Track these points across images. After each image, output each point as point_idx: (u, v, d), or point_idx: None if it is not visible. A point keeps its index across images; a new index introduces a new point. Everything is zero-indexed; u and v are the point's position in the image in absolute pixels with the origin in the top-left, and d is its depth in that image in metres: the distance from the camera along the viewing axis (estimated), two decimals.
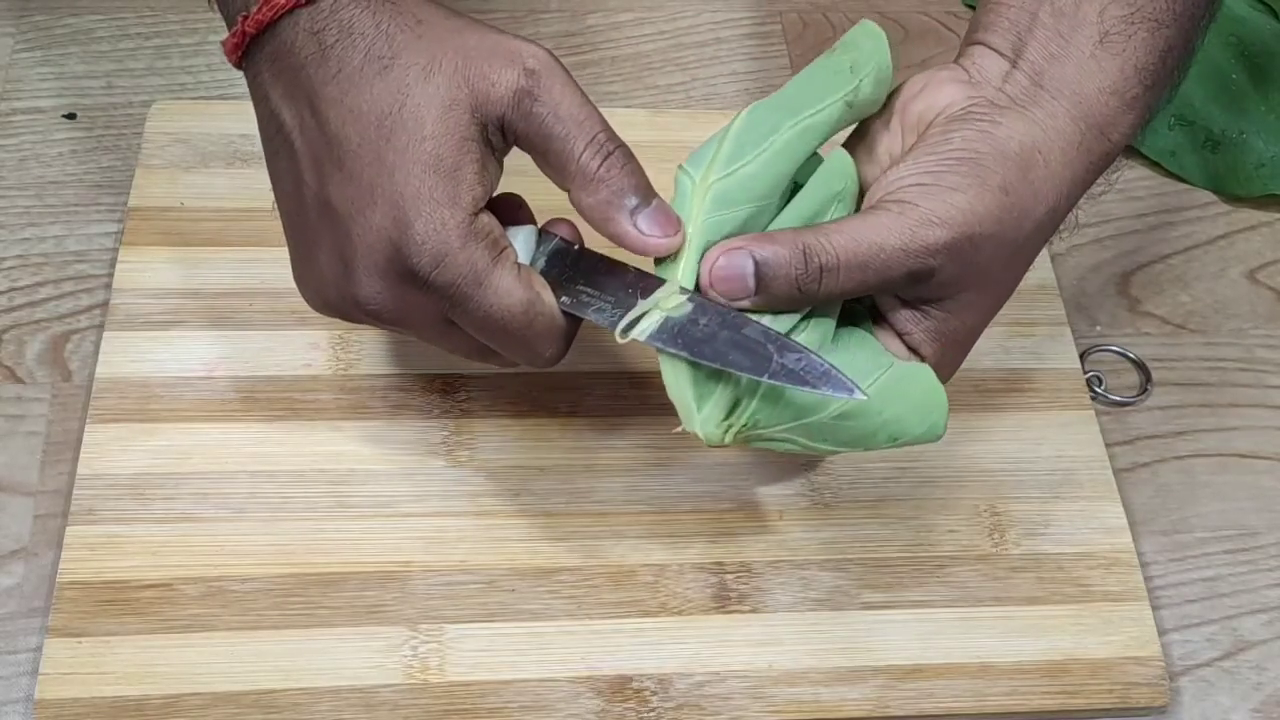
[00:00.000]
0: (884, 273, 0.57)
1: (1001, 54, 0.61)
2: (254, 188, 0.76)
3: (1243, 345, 0.79)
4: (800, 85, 0.61)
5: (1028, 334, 0.75)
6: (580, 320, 0.59)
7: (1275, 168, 0.84)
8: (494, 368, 0.63)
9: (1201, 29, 0.63)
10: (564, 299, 0.59)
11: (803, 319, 0.58)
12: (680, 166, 0.59)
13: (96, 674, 0.61)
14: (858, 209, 0.60)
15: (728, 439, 0.57)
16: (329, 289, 0.59)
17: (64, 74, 0.81)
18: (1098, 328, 0.78)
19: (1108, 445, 0.73)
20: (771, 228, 0.59)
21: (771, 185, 0.59)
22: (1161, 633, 0.68)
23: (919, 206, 0.57)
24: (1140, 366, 0.77)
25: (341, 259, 0.57)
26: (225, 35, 0.59)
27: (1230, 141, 0.84)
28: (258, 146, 0.76)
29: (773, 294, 0.57)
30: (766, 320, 0.57)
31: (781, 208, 0.59)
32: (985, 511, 0.69)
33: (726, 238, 0.58)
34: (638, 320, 0.57)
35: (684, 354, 0.56)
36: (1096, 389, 0.75)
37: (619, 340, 0.57)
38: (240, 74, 0.58)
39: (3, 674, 0.62)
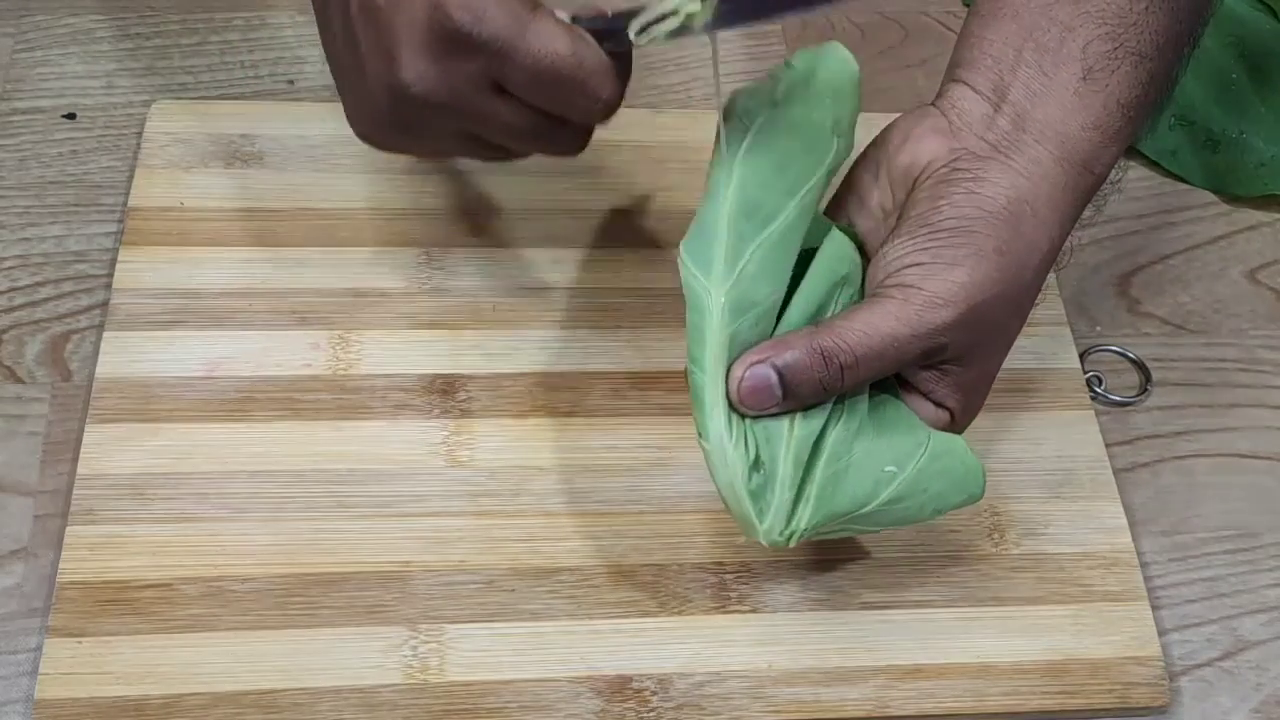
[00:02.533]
0: (900, 358, 0.59)
1: (983, 95, 0.61)
2: (254, 188, 0.76)
3: (1243, 345, 0.79)
4: (787, 150, 0.60)
5: (1028, 334, 0.75)
6: (630, 65, 0.59)
7: (1275, 168, 0.84)
8: (494, 368, 0.63)
9: (1184, 58, 0.63)
10: (606, 45, 0.58)
11: (835, 407, 0.60)
12: (681, 259, 0.59)
13: (96, 674, 0.61)
14: (863, 281, 0.61)
15: (792, 544, 0.59)
16: (379, 96, 0.59)
17: (64, 74, 0.81)
18: (1098, 328, 0.78)
19: (1108, 445, 0.73)
20: (782, 323, 0.59)
21: (779, 278, 0.59)
22: (1161, 633, 0.68)
23: (922, 290, 0.58)
24: (1140, 366, 0.77)
25: (387, 54, 0.58)
26: (225, 35, 0.59)
27: (1230, 141, 0.85)
28: (258, 146, 0.77)
29: (799, 397, 0.58)
30: (799, 416, 0.58)
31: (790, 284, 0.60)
32: (985, 511, 0.69)
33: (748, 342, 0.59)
34: (658, 21, 0.57)
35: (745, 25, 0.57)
36: (1096, 389, 0.75)
37: (634, 40, 0.57)
38: (240, 74, 0.58)
39: (3, 674, 0.62)
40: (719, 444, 0.58)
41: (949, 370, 0.61)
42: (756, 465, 0.58)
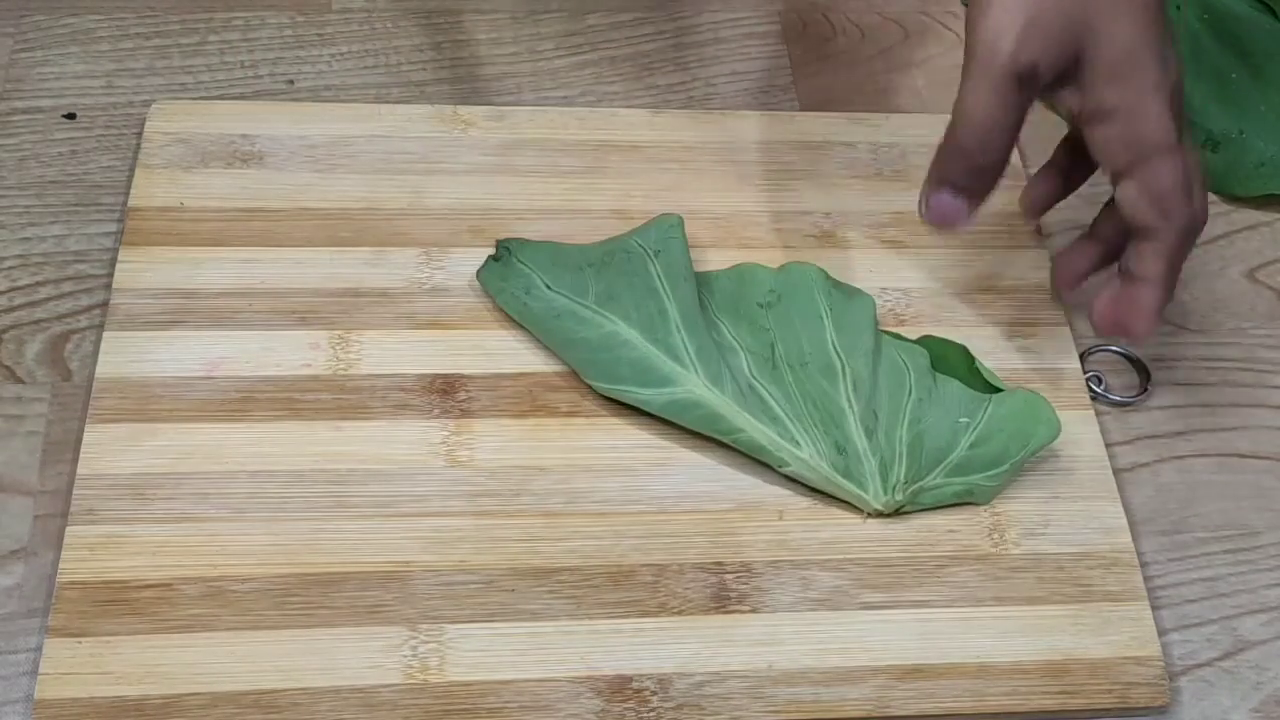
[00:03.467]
0: (1004, 105, 0.63)
1: None
2: (254, 188, 0.76)
3: (1243, 345, 0.79)
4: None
5: (1028, 334, 0.75)
6: None
7: (1275, 167, 0.84)
8: (494, 368, 0.63)
9: None
10: None
11: (905, 388, 0.69)
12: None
13: (96, 674, 0.61)
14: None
15: (901, 498, 0.67)
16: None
17: (64, 74, 0.81)
18: None
19: (1108, 445, 0.73)
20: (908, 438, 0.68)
21: (698, 322, 0.70)
22: (1161, 633, 0.68)
23: (979, 37, 0.63)
24: (1140, 366, 0.77)
25: None
26: (225, 35, 0.59)
27: (1230, 141, 0.84)
28: (258, 146, 0.77)
29: (972, 190, 0.66)
30: (851, 395, 0.68)
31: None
32: (985, 511, 0.69)
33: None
34: None
35: None
36: (1096, 389, 0.75)
37: None
38: (240, 74, 0.58)
39: (3, 674, 0.62)
40: (796, 460, 0.67)
41: (1094, 122, 0.64)
42: (840, 450, 0.67)
